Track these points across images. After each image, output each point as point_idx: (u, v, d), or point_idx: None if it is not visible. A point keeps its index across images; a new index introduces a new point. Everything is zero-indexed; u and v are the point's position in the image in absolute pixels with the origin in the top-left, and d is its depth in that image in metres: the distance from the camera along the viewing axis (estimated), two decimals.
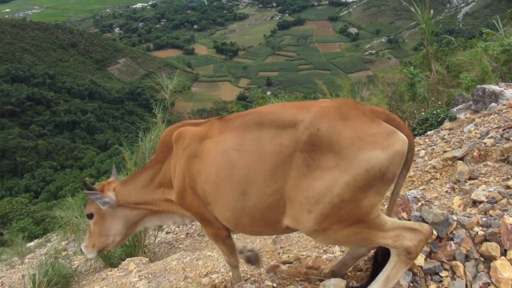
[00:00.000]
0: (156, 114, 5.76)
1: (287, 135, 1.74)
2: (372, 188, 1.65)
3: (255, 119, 1.87)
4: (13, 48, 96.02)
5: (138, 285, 3.22)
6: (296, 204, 1.71)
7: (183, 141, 2.13)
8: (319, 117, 1.70)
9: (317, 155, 1.66)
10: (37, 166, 60.21)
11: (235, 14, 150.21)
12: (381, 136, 1.65)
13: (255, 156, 1.79)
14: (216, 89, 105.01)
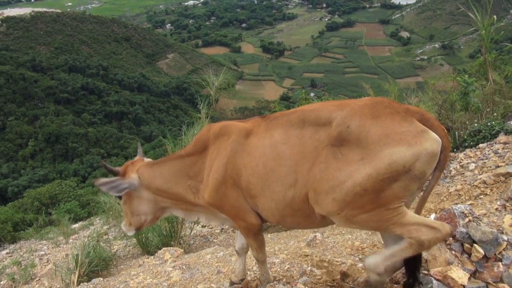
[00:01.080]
0: (200, 110, 5.87)
1: (324, 131, 1.89)
2: (396, 181, 1.74)
3: (299, 117, 2.00)
4: (72, 39, 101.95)
5: (173, 274, 3.30)
6: (321, 192, 1.85)
7: (229, 136, 2.19)
8: (351, 115, 1.83)
9: (345, 149, 1.79)
10: (86, 153, 63.59)
11: (284, 14, 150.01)
12: (410, 134, 1.73)
13: (298, 150, 1.93)
14: (259, 88, 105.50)
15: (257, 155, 2.06)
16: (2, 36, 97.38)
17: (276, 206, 2.04)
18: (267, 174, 2.01)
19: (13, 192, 48.30)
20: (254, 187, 2.08)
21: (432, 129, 1.79)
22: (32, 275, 5.51)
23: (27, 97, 72.68)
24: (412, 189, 1.80)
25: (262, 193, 2.06)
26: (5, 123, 66.86)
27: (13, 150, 63.81)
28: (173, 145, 5.78)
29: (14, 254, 8.60)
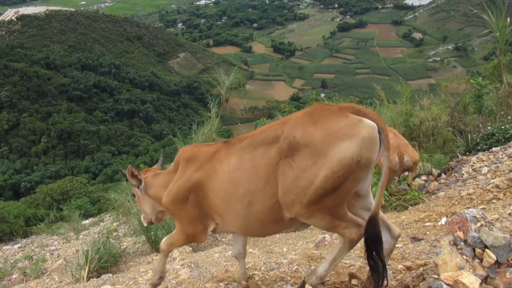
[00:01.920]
0: (210, 109, 5.90)
1: (274, 148, 2.06)
2: (350, 175, 1.91)
3: (249, 142, 2.22)
4: (85, 38, 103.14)
5: (181, 272, 3.32)
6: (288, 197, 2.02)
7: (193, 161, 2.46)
8: (294, 126, 2.01)
9: (297, 157, 1.96)
10: (97, 150, 64.28)
11: (295, 14, 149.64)
12: (348, 127, 1.90)
13: (252, 171, 2.13)
14: (270, 88, 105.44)
15: (219, 181, 2.30)
16: (17, 34, 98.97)
17: (243, 223, 2.27)
18: (228, 198, 2.25)
19: (25, 187, 49.09)
20: (219, 208, 2.34)
21: (365, 116, 1.96)
22: (43, 270, 5.59)
23: (41, 94, 73.73)
24: (362, 178, 1.99)
25: (227, 213, 2.31)
26: (19, 120, 67.91)
27: (26, 146, 64.80)
28: (183, 144, 5.81)
29: (26, 248, 8.74)
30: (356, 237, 2.11)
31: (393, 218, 4.24)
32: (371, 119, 1.95)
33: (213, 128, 5.58)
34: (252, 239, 4.96)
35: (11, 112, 68.60)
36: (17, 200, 18.56)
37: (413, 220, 3.94)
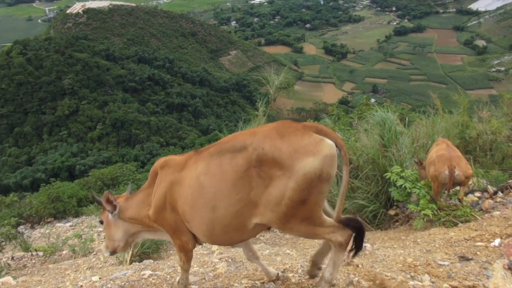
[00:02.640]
0: (258, 107, 5.93)
1: (241, 156, 2.17)
2: (313, 187, 2.07)
3: (217, 149, 2.32)
4: (143, 32, 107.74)
5: (219, 266, 3.38)
6: (261, 206, 2.16)
7: (168, 169, 2.57)
8: (263, 139, 2.14)
9: (266, 168, 2.10)
10: (147, 140, 66.99)
11: (350, 15, 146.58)
12: (312, 145, 2.08)
13: (219, 177, 2.23)
14: (318, 90, 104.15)
15: (186, 186, 2.40)
16: (83, 26, 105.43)
17: (207, 228, 2.35)
18: (194, 202, 2.33)
19: (80, 170, 52.27)
20: (187, 214, 2.41)
21: (326, 136, 2.15)
22: (90, 249, 5.92)
23: (99, 84, 78.08)
24: (325, 191, 2.15)
25: (193, 219, 2.39)
26: (78, 106, 72.37)
27: (83, 131, 68.95)
28: None
29: (77, 227, 9.29)
30: (343, 239, 2.28)
31: (440, 234, 4.04)
32: (331, 139, 2.15)
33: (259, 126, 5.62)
34: (291, 240, 4.93)
35: (72, 99, 73.27)
36: (71, 181, 19.76)
37: (463, 238, 3.72)
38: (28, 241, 6.46)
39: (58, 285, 3.27)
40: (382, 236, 4.48)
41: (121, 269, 3.69)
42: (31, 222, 11.19)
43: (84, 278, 3.33)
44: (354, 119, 7.11)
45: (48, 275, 4.23)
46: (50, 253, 5.76)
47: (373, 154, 4.90)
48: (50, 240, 6.68)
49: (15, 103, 71.62)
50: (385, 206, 4.96)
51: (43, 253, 5.80)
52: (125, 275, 3.12)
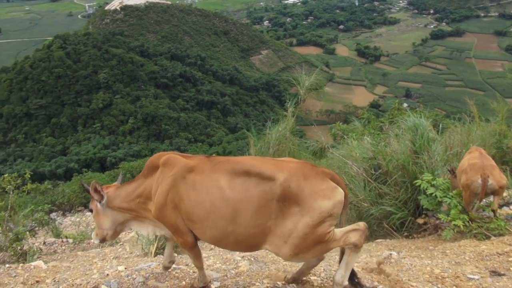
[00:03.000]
0: (287, 108, 5.90)
1: (268, 185, 2.40)
2: (324, 223, 2.40)
3: (243, 168, 2.49)
4: (177, 30, 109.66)
5: (241, 264, 3.39)
6: (276, 236, 2.42)
7: (172, 167, 2.63)
8: (290, 177, 2.41)
9: (288, 203, 2.38)
10: (176, 135, 68.24)
11: (385, 17, 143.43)
12: (328, 190, 2.42)
13: (244, 196, 2.42)
14: (349, 92, 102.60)
15: (203, 192, 2.50)
16: (119, 23, 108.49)
17: (219, 235, 2.50)
18: (213, 210, 2.46)
19: (110, 162, 53.91)
20: (196, 216, 2.53)
21: (338, 184, 2.49)
22: (117, 239, 6.09)
23: (133, 79, 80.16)
24: (333, 224, 2.47)
25: (204, 223, 2.51)
26: (112, 100, 74.60)
27: (116, 125, 71.02)
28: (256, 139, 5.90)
29: None
30: (355, 239, 2.53)
31: (471, 246, 3.88)
32: (341, 187, 2.49)
33: (288, 127, 5.57)
34: None
35: (106, 92, 75.61)
36: (102, 172, 20.43)
37: (495, 252, 3.56)
38: (59, 227, 6.72)
39: (86, 272, 3.38)
40: (409, 244, 4.36)
41: (146, 260, 3.77)
42: (63, 210, 11.66)
43: (111, 267, 3.42)
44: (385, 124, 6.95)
45: (76, 261, 4.39)
46: (79, 241, 5.97)
47: (404, 160, 4.77)
48: (80, 228, 6.93)
49: (53, 95, 74.67)
50: (414, 214, 4.82)
51: (73, 240, 6.02)
52: (150, 267, 3.19)
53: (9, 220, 4.99)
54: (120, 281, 2.90)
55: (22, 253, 4.66)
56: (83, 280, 2.99)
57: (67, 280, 3.11)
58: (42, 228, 5.84)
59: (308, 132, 33.42)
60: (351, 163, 5.10)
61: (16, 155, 64.41)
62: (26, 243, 4.84)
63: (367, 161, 5.04)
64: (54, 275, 3.45)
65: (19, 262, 4.40)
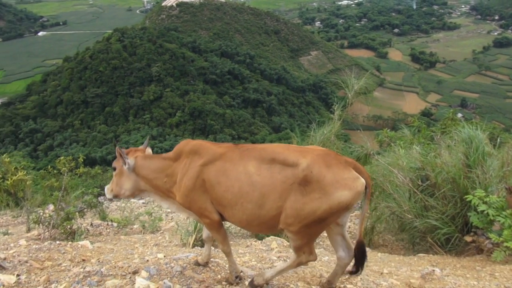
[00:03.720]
0: (333, 110, 5.80)
1: (290, 170, 2.51)
2: (339, 213, 2.49)
3: (270, 155, 2.61)
4: (228, 27, 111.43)
5: (276, 264, 3.38)
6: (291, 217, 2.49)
7: (201, 155, 2.75)
8: (312, 163, 2.48)
9: (308, 188, 2.45)
10: (220, 131, 69.42)
11: (444, 22, 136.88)
12: (350, 180, 2.45)
13: (270, 181, 2.54)
14: (399, 98, 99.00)
15: (233, 178, 2.62)
16: (174, 19, 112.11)
17: (247, 219, 2.62)
18: (241, 195, 2.58)
19: (157, 153, 55.85)
20: (227, 201, 2.65)
21: (360, 174, 2.50)
22: (158, 227, 6.30)
23: (183, 74, 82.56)
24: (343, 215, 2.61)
25: (234, 207, 2.63)
26: (162, 93, 77.34)
27: (164, 117, 73.58)
28: (300, 140, 5.86)
29: (148, 205, 9.95)
30: (305, 261, 2.66)
31: None
32: (364, 178, 2.50)
33: (333, 130, 5.48)
34: None
35: (157, 85, 78.50)
36: None
37: None
38: (106, 211, 7.07)
39: (128, 256, 3.53)
40: (454, 262, 4.14)
41: (184, 251, 3.87)
42: None
43: (151, 254, 3.55)
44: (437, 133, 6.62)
45: (119, 245, 4.60)
46: (123, 225, 6.24)
47: (454, 173, 4.52)
48: (124, 214, 7.24)
49: (109, 85, 78.69)
50: (461, 231, 4.56)
51: (117, 224, 6.30)
52: (187, 257, 3.27)
53: (61, 200, 5.32)
54: (159, 268, 3.00)
55: (71, 232, 4.96)
56: (124, 263, 3.12)
57: (110, 261, 3.26)
58: (90, 210, 6.18)
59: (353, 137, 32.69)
60: (396, 172, 4.92)
61: (72, 140, 68.70)
62: (75, 223, 5.14)
63: (415, 171, 4.83)
64: (98, 255, 3.64)
65: (68, 240, 4.68)
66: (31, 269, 3.12)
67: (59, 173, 5.67)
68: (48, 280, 2.86)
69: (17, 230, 5.88)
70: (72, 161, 5.67)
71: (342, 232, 2.73)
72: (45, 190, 7.34)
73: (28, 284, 2.81)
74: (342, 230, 2.73)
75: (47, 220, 4.95)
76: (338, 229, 2.72)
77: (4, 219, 7.37)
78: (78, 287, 2.65)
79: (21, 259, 3.24)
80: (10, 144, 65.91)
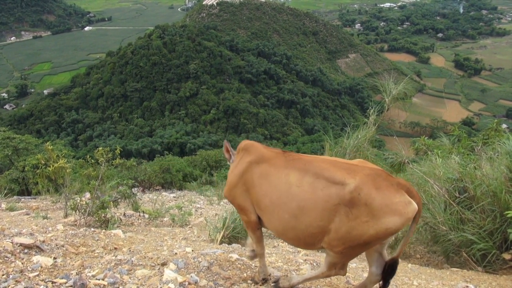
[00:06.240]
0: (368, 115, 5.68)
1: (335, 189, 2.37)
2: (384, 238, 2.35)
3: (315, 169, 2.49)
4: (267, 27, 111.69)
5: (303, 267, 3.36)
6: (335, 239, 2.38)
7: (250, 154, 2.79)
8: (361, 184, 2.32)
9: (355, 211, 2.31)
10: (253, 130, 69.75)
11: (493, 28, 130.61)
12: (401, 205, 2.29)
13: (310, 196, 2.43)
14: (440, 106, 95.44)
15: (273, 184, 2.59)
16: (214, 17, 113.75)
17: (282, 228, 2.57)
18: (279, 203, 2.54)
19: (190, 148, 57.01)
20: (264, 205, 2.63)
21: (414, 199, 2.34)
22: (187, 222, 6.41)
23: (219, 72, 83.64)
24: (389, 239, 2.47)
25: (270, 213, 2.60)
26: (198, 90, 78.72)
27: (199, 113, 74.87)
28: (333, 144, 5.77)
29: (179, 199, 10.16)
30: (334, 275, 2.59)
31: None
32: (416, 202, 2.33)
33: (367, 135, 5.35)
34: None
35: (194, 82, 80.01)
36: (181, 157, 21.69)
37: None
38: (139, 202, 7.29)
39: (157, 248, 3.62)
40: (490, 279, 3.94)
41: (212, 246, 3.92)
42: (143, 186, 12.62)
43: (179, 247, 3.62)
44: (478, 144, 6.32)
45: (150, 236, 4.72)
46: (154, 217, 6.41)
47: (495, 187, 4.30)
48: (156, 206, 7.43)
49: (148, 80, 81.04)
50: (499, 248, 4.33)
51: (148, 216, 6.48)
52: (215, 254, 3.31)
53: (98, 189, 5.53)
54: (187, 262, 3.05)
55: (104, 220, 5.15)
56: (154, 255, 3.21)
57: (141, 252, 3.36)
58: (124, 200, 6.39)
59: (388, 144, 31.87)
60: (432, 182, 4.74)
61: (110, 131, 71.35)
62: (109, 212, 5.33)
63: (452, 182, 4.64)
64: (129, 245, 3.76)
65: (102, 228, 4.87)
66: (67, 253, 3.27)
67: (97, 163, 5.90)
68: (82, 265, 2.99)
69: (55, 215, 6.17)
70: (109, 152, 5.88)
71: (381, 250, 2.62)
72: (83, 179, 7.66)
73: (63, 268, 2.94)
74: (382, 249, 2.62)
75: (83, 207, 5.16)
76: (378, 247, 2.60)
77: (44, 203, 7.76)
78: (110, 274, 2.75)
79: (58, 243, 3.40)
80: (53, 132, 69.45)
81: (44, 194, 8.76)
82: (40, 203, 7.77)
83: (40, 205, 7.58)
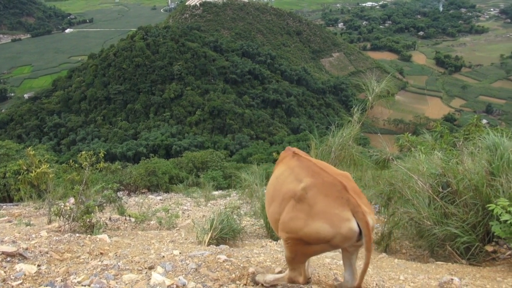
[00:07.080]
0: (353, 113, 5.73)
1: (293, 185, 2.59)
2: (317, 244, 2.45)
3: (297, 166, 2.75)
4: (250, 27, 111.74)
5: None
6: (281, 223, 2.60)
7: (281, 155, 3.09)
8: (312, 186, 2.50)
9: (299, 206, 2.50)
10: (238, 131, 69.67)
11: (472, 26, 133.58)
12: (337, 218, 2.37)
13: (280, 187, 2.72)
14: (422, 103, 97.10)
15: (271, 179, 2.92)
16: (197, 18, 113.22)
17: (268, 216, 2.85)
18: (269, 196, 2.84)
19: (175, 150, 56.60)
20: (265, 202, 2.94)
21: (357, 219, 2.36)
22: (174, 224, 6.37)
23: (204, 73, 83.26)
24: (327, 250, 2.56)
25: (267, 208, 2.85)
26: (183, 92, 78.19)
27: (184, 115, 74.38)
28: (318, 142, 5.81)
29: (165, 202, 10.08)
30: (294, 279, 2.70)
31: None
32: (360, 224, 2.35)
33: (352, 133, 5.41)
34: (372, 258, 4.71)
35: (178, 84, 79.44)
36: (167, 159, 21.52)
37: None
38: (124, 206, 7.20)
39: (144, 251, 3.58)
40: (474, 272, 4.03)
41: (199, 248, 3.90)
42: (129, 190, 12.48)
43: (167, 250, 3.59)
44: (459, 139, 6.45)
45: (136, 240, 4.67)
46: (140, 221, 6.34)
47: (477, 181, 4.39)
48: (142, 209, 7.36)
49: (131, 82, 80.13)
50: (482, 240, 4.43)
51: (135, 220, 6.41)
52: (203, 255, 3.29)
53: (82, 193, 5.45)
54: (174, 265, 3.03)
55: (90, 225, 5.07)
56: (141, 259, 3.17)
57: (127, 256, 3.32)
58: (109, 205, 6.30)
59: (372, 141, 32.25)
60: (416, 178, 4.82)
61: (94, 135, 70.29)
62: (95, 217, 5.25)
63: (435, 178, 4.72)
64: (116, 249, 3.71)
65: (87, 233, 4.79)
66: (51, 260, 3.20)
67: (81, 167, 5.81)
68: (67, 271, 2.93)
69: (38, 222, 6.05)
70: (93, 156, 5.79)
71: (350, 259, 2.68)
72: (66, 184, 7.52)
73: (48, 275, 2.88)
74: (350, 257, 2.68)
75: (67, 212, 5.08)
76: (346, 254, 2.67)
77: (27, 210, 7.60)
78: (96, 280, 2.70)
79: (42, 250, 3.33)
80: (35, 137, 68.04)
81: (26, 201, 8.58)
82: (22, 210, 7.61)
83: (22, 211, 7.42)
